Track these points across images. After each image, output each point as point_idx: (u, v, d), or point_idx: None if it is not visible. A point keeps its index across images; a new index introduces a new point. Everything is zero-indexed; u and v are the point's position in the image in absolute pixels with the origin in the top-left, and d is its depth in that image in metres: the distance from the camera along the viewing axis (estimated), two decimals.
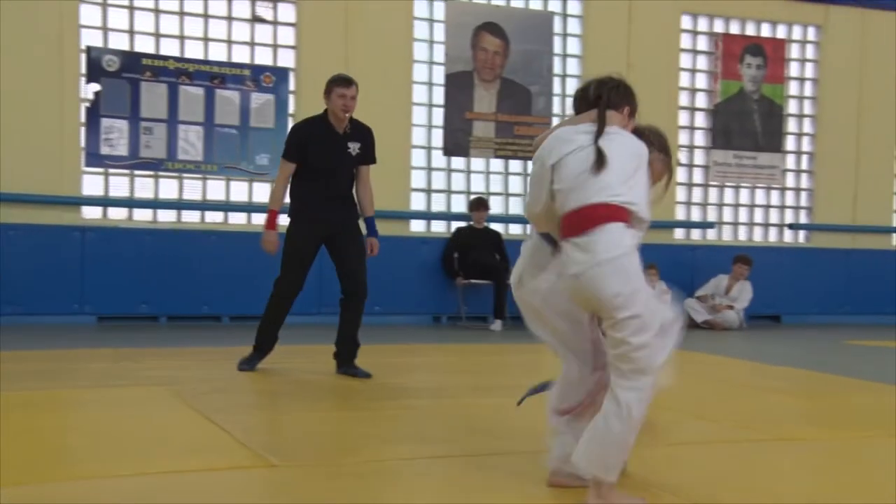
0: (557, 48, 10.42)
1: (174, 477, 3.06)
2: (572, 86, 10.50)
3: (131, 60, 8.68)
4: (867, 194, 11.48)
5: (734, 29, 11.19)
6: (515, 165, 10.33)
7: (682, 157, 11.05)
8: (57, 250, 8.42)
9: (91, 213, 8.82)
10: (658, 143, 3.23)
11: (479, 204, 9.67)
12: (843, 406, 5.05)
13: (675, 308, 2.94)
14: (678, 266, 10.34)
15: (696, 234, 11.19)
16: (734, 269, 10.20)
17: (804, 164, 11.54)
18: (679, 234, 11.08)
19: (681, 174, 11.02)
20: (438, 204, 10.08)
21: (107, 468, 3.15)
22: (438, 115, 9.92)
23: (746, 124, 11.12)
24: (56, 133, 8.46)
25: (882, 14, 11.40)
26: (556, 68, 10.40)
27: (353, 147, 5.54)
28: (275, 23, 9.33)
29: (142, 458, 3.33)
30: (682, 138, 11.02)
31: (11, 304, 8.10)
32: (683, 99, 10.98)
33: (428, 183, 9.98)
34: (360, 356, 5.57)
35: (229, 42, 9.17)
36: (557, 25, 10.42)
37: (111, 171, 8.77)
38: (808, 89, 11.49)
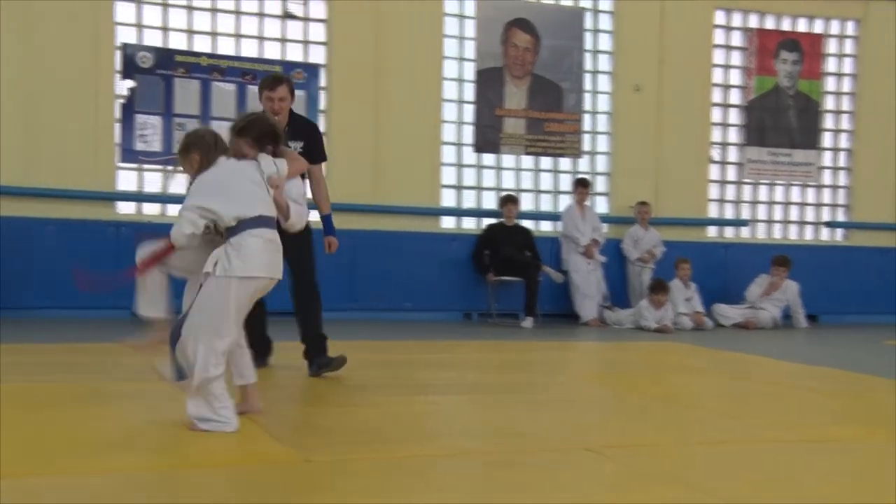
0: (588, 44, 10.35)
1: (209, 470, 3.08)
2: (603, 82, 10.44)
3: (165, 57, 8.76)
4: None
5: (769, 24, 11.05)
6: (546, 162, 10.29)
7: (714, 154, 10.94)
8: (91, 245, 8.51)
9: (125, 209, 8.91)
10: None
11: (509, 200, 9.64)
12: (876, 407, 4.96)
13: None
14: (711, 264, 10.24)
15: (729, 232, 11.08)
16: (772, 272, 10.06)
17: (841, 161, 11.37)
18: (712, 231, 10.97)
19: (714, 171, 10.92)
20: (469, 201, 10.07)
21: (142, 461, 3.18)
22: (469, 112, 9.91)
23: (781, 121, 10.97)
24: (91, 129, 8.55)
25: None
26: (587, 64, 10.34)
27: (296, 146, 5.17)
28: (306, 19, 9.36)
29: (176, 451, 3.36)
30: (715, 135, 10.91)
31: (48, 298, 8.20)
32: (716, 95, 10.86)
33: (458, 179, 9.96)
34: (394, 351, 5.51)
35: (261, 38, 9.23)
36: (588, 21, 10.36)
37: (145, 166, 8.87)
38: (847, 85, 11.32)
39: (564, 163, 10.35)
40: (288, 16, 9.29)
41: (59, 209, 8.39)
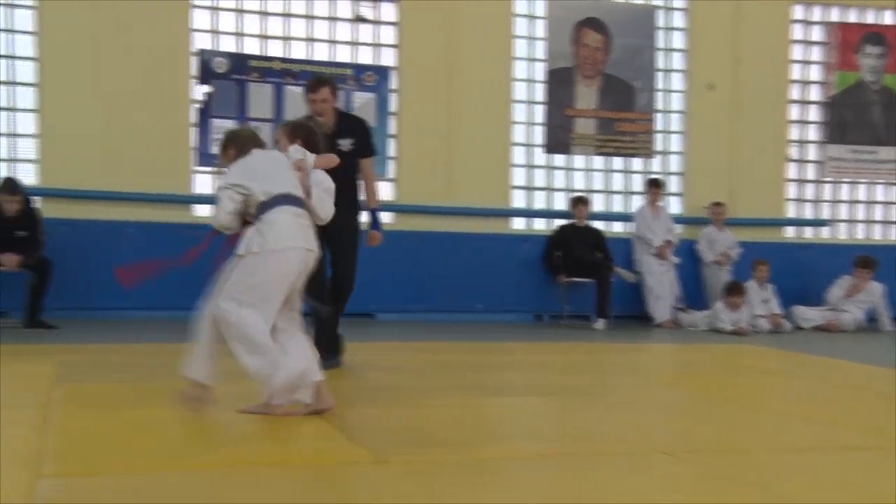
0: (661, 42, 10.19)
1: (282, 470, 3.10)
2: (676, 81, 10.26)
3: (239, 62, 8.92)
4: None
5: (852, 17, 10.71)
6: (617, 162, 10.16)
7: (792, 152, 10.65)
8: (169, 247, 8.67)
9: (201, 211, 9.09)
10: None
11: (580, 201, 9.55)
12: None
13: None
14: (789, 265, 9.98)
15: (808, 233, 10.78)
16: (855, 273, 9.74)
17: None
18: (790, 232, 10.69)
19: (792, 170, 10.64)
20: (539, 202, 10.01)
21: (214, 459, 3.23)
22: (539, 113, 9.84)
23: (864, 117, 10.62)
24: (169, 134, 8.74)
25: None
26: (660, 63, 10.17)
27: (345, 143, 5.45)
28: (376, 22, 9.43)
29: (250, 449, 3.40)
30: (794, 133, 10.62)
31: (127, 299, 8.41)
32: (795, 92, 10.58)
33: (529, 180, 9.91)
34: (466, 353, 5.52)
35: (332, 42, 9.32)
36: (660, 19, 10.20)
37: (221, 170, 9.02)
38: None
39: (636, 163, 10.20)
40: (359, 19, 9.36)
41: (138, 212, 8.61)
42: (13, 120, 8.48)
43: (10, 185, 7.53)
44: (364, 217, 5.70)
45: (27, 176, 8.31)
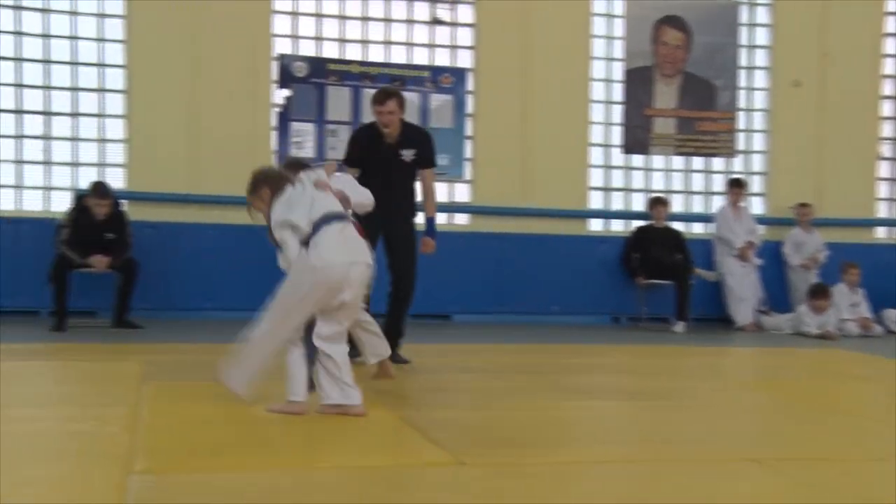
0: (744, 39, 9.95)
1: (364, 471, 3.12)
2: (760, 79, 10.00)
3: (318, 66, 9.03)
4: None
5: None
6: (697, 162, 9.96)
7: (884, 150, 10.27)
8: (248, 249, 8.85)
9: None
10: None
11: (658, 202, 9.39)
12: None
13: None
14: (880, 266, 9.62)
15: None
16: None
17: None
18: (881, 232, 10.31)
19: (883, 168, 10.27)
20: (617, 202, 9.87)
21: (295, 458, 3.26)
22: (617, 113, 9.71)
23: None
24: (249, 137, 8.90)
25: None
26: (742, 60, 9.93)
27: (407, 154, 5.71)
28: (453, 24, 9.44)
29: (331, 450, 3.43)
30: (886, 130, 10.25)
31: (209, 300, 8.61)
32: (887, 87, 10.21)
33: (606, 181, 9.79)
34: (543, 355, 5.50)
35: (410, 44, 9.37)
36: (744, 15, 9.95)
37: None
38: None
39: (717, 163, 9.99)
40: (436, 21, 9.39)
41: (220, 214, 8.77)
42: (103, 126, 8.76)
43: (100, 188, 7.76)
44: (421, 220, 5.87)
45: (116, 180, 8.56)
